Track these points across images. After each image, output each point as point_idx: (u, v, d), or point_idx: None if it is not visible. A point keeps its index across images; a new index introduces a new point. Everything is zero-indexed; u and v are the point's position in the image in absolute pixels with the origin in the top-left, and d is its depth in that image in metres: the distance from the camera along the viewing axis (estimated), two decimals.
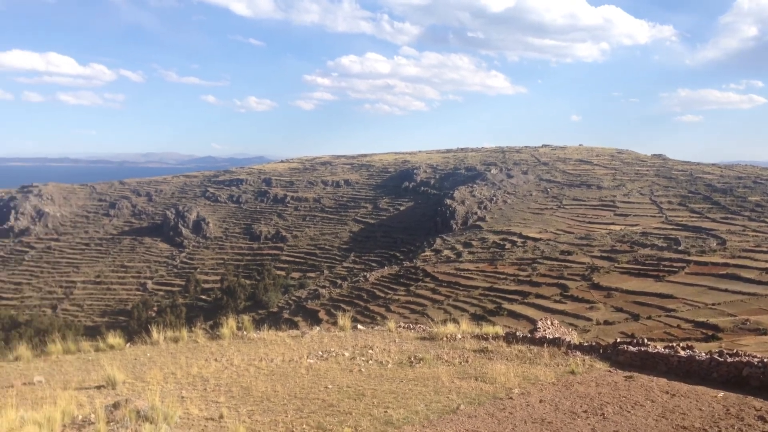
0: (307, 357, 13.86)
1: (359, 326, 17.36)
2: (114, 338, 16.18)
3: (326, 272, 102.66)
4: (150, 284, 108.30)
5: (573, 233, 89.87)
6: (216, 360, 13.92)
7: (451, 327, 16.33)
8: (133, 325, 70.81)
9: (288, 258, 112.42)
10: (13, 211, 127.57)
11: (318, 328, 18.06)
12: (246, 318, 24.24)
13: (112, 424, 9.16)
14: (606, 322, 53.29)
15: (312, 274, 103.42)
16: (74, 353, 15.69)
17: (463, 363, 13.07)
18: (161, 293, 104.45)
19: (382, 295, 75.97)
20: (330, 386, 11.49)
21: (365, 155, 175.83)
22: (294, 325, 24.93)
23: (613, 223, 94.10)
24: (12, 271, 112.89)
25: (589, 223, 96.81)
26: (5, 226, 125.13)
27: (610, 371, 12.14)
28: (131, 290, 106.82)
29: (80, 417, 9.72)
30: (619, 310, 56.59)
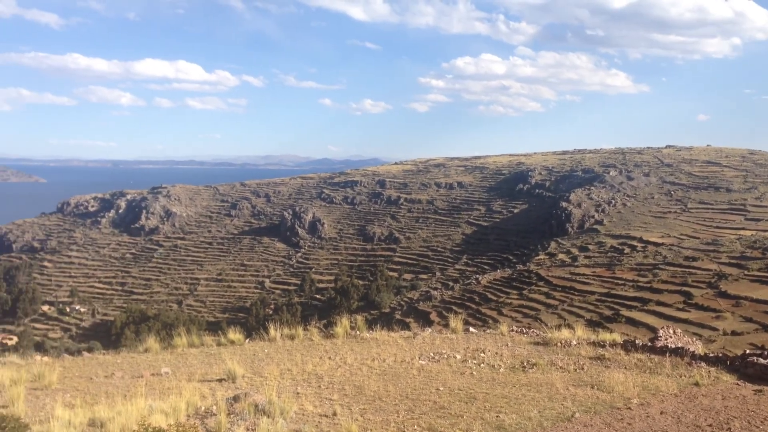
0: (419, 358, 13.89)
1: (471, 329, 17.22)
2: (234, 334, 16.82)
3: (438, 274, 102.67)
4: (267, 282, 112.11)
5: (698, 238, 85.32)
6: (330, 358, 14.20)
7: (565, 332, 15.90)
8: (251, 321, 73.55)
9: (400, 259, 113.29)
10: (144, 211, 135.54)
11: (429, 329, 18.06)
12: (359, 318, 24.57)
13: (232, 416, 9.55)
14: (734, 333, 50.22)
15: (424, 276, 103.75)
16: (198, 347, 16.44)
17: (578, 370, 12.69)
18: (278, 291, 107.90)
19: (495, 298, 75.08)
20: (441, 388, 11.47)
21: (479, 157, 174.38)
22: (405, 326, 24.99)
23: (743, 228, 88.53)
24: (143, 268, 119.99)
25: (717, 227, 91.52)
26: (137, 225, 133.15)
27: (737, 384, 11.42)
28: (250, 288, 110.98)
29: (203, 408, 10.19)
30: (749, 320, 53.18)
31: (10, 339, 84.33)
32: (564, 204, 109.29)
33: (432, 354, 14.24)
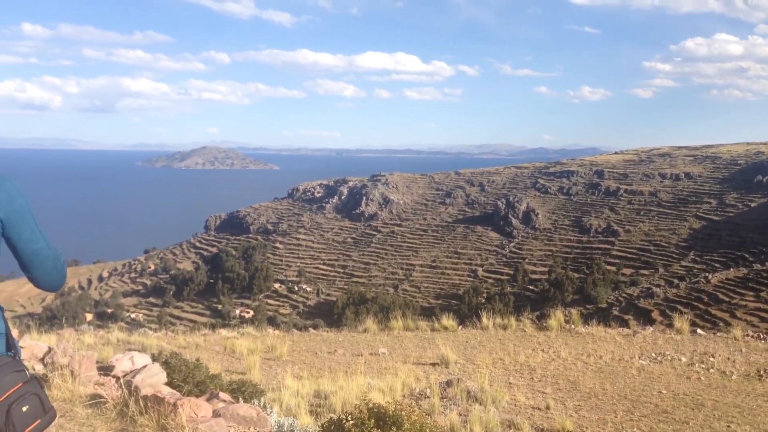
0: (639, 358, 13.17)
1: (699, 331, 15.98)
2: (448, 320, 17.14)
3: (661, 270, 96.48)
4: (480, 271, 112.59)
5: None
6: (543, 351, 13.95)
7: None
8: (463, 309, 74.29)
9: (619, 253, 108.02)
10: (364, 198, 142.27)
11: (651, 328, 17.04)
12: (573, 311, 23.91)
13: (444, 400, 9.74)
14: None
15: (645, 272, 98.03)
16: (413, 331, 16.97)
17: None
18: (490, 281, 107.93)
19: (726, 299, 68.88)
20: (664, 391, 10.78)
21: (710, 146, 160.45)
22: (624, 324, 23.82)
23: None
24: (362, 252, 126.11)
25: None
26: (357, 211, 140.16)
27: None
28: (463, 276, 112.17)
29: (417, 390, 10.51)
30: None
31: (247, 312, 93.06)
32: None
33: (654, 354, 13.43)
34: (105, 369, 7.21)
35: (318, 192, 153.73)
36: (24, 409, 2.27)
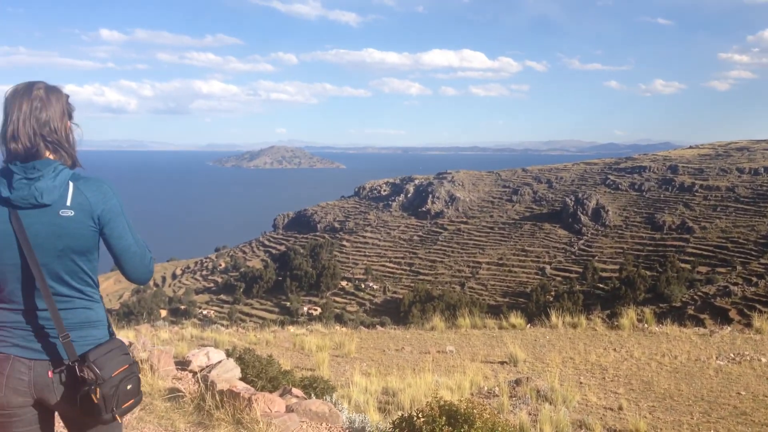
0: (716, 358, 12.75)
1: None
2: (516, 318, 16.98)
3: (739, 268, 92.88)
4: (548, 269, 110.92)
5: None
6: (615, 350, 13.67)
7: None
8: (531, 307, 73.30)
9: (694, 250, 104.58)
10: (430, 196, 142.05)
11: (729, 327, 16.45)
12: (646, 310, 23.30)
13: (513, 399, 9.66)
14: None
15: (722, 270, 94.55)
16: (480, 329, 16.88)
17: None
18: (558, 279, 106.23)
19: None
20: (743, 393, 10.41)
21: None
22: (700, 323, 23.11)
23: None
24: (428, 250, 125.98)
25: None
26: (423, 209, 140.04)
27: None
28: (530, 274, 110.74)
29: (485, 388, 10.46)
30: None
31: (315, 309, 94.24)
32: None
33: (732, 355, 12.98)
34: (182, 364, 7.46)
35: (384, 190, 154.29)
36: (128, 387, 2.62)
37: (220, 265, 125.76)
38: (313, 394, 7.10)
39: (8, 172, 2.56)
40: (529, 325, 16.87)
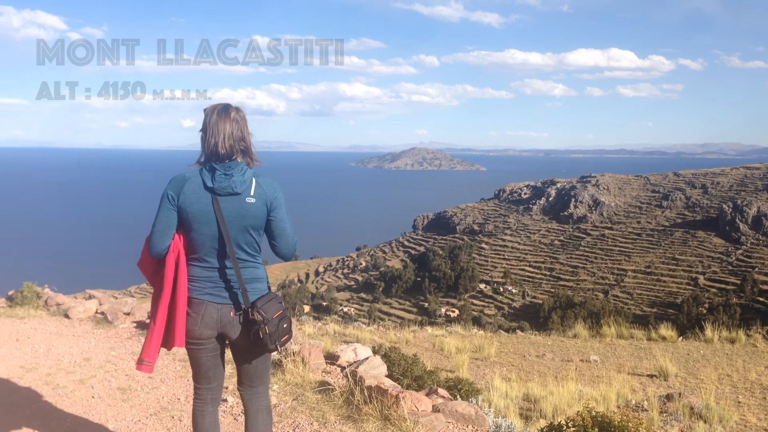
0: None
1: None
2: (666, 330, 16.19)
3: None
4: (701, 279, 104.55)
5: None
6: None
7: None
8: (682, 319, 69.36)
9: None
10: (572, 200, 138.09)
11: None
12: None
13: (664, 414, 9.22)
14: None
15: None
16: (626, 339, 16.23)
17: None
18: (713, 290, 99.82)
19: None
20: None
21: None
22: None
23: None
24: (570, 255, 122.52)
25: None
26: (565, 213, 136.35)
27: None
28: (681, 284, 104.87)
29: (633, 402, 10.04)
30: None
31: (453, 311, 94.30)
32: None
33: None
34: (330, 358, 7.75)
35: (525, 193, 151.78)
36: (284, 326, 3.49)
37: (361, 264, 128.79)
38: (458, 396, 7.14)
39: (212, 168, 3.44)
40: (680, 338, 16.03)
